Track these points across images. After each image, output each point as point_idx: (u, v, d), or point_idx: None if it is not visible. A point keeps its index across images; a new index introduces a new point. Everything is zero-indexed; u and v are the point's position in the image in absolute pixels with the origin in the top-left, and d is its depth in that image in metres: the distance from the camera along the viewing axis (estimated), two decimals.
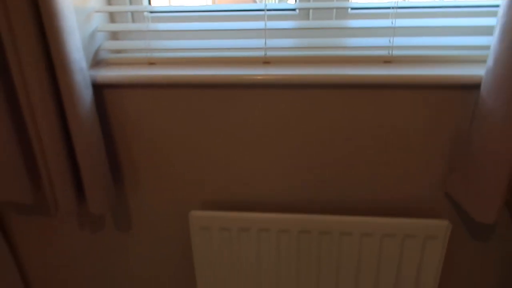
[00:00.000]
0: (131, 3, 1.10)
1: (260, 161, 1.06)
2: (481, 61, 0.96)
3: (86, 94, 0.90)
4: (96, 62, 1.05)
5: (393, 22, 0.95)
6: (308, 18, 1.06)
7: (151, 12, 1.09)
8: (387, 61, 1.00)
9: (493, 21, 0.92)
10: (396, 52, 0.99)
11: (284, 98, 0.99)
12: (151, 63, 1.05)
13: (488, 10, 0.99)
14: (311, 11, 1.04)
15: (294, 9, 1.05)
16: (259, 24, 1.00)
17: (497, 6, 0.98)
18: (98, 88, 1.00)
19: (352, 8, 1.03)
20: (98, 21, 1.05)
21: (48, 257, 1.27)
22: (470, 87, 0.92)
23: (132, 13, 1.10)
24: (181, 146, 1.06)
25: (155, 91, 1.01)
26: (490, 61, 0.81)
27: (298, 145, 1.03)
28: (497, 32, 0.79)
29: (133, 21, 1.11)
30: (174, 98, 1.01)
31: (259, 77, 0.95)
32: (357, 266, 1.08)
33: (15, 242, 1.24)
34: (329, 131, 1.01)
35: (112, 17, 1.10)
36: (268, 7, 1.02)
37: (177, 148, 1.06)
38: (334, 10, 1.03)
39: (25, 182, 0.98)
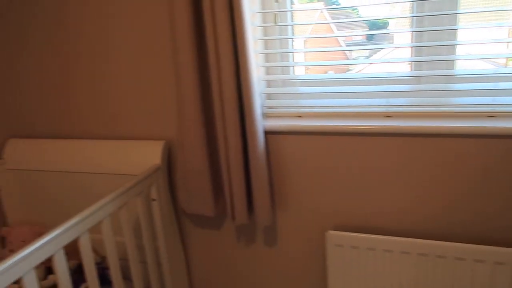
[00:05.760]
0: (282, 72, 1.51)
1: (383, 193, 1.34)
2: None
3: (261, 138, 1.29)
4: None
5: (496, 85, 1.21)
6: (420, 82, 1.36)
7: (297, 79, 1.49)
8: (490, 115, 1.25)
9: None
10: (498, 109, 1.24)
11: (403, 144, 1.28)
12: (299, 116, 1.43)
13: None
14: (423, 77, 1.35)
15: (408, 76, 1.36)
16: (382, 88, 1.33)
17: None
18: (264, 133, 1.39)
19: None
20: (260, 86, 1.47)
21: (211, 262, 1.65)
22: None
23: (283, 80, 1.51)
24: (321, 179, 1.39)
25: (302, 137, 1.38)
26: None
27: (416, 182, 1.30)
28: None
29: (283, 85, 1.51)
30: (316, 142, 1.37)
31: (381, 127, 1.27)
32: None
33: (188, 248, 1.65)
34: (440, 172, 1.26)
35: (268, 82, 1.52)
36: (387, 75, 1.35)
37: (317, 179, 1.40)
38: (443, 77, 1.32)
39: (210, 200, 1.38)
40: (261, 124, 1.30)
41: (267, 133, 1.40)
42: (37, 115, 1.68)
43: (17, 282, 0.94)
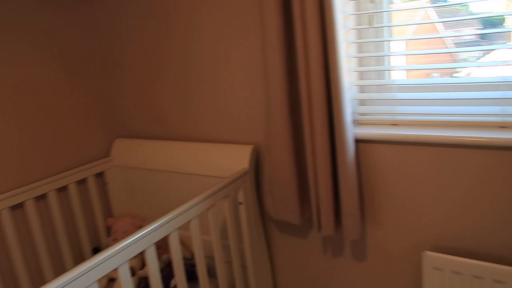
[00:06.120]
0: (377, 77, 1.41)
1: (491, 215, 1.17)
2: None
3: (351, 146, 1.22)
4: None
5: None
6: None
7: (392, 84, 1.38)
8: None
9: None
10: None
11: None
12: (394, 124, 1.32)
13: None
14: None
15: None
16: (496, 94, 1.16)
17: None
18: (355, 142, 1.32)
19: None
20: (352, 92, 1.39)
21: (295, 269, 1.62)
22: None
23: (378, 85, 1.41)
24: (418, 193, 1.27)
25: (397, 147, 1.27)
26: None
27: None
28: None
29: (378, 90, 1.41)
30: (414, 153, 1.25)
31: (494, 139, 1.10)
32: None
33: (273, 253, 1.64)
34: None
35: (361, 88, 1.44)
36: (506, 80, 1.17)
37: (414, 194, 1.27)
38: None
39: (296, 207, 1.35)
40: (351, 131, 1.23)
41: (359, 141, 1.32)
42: (138, 117, 1.84)
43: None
